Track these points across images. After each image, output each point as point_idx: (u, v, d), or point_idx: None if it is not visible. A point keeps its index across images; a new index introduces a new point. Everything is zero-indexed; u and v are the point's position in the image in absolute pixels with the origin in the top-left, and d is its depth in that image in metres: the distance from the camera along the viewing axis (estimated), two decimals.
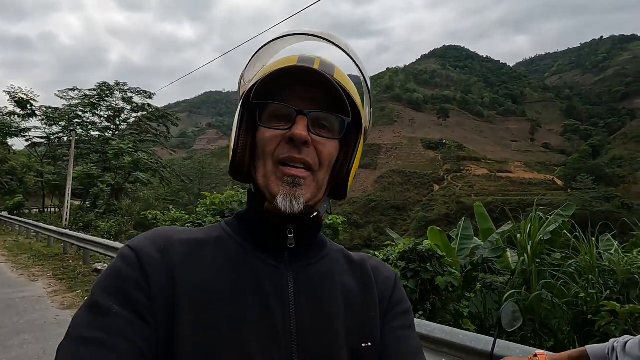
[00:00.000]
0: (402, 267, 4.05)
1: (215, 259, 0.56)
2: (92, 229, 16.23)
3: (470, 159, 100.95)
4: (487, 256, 5.11)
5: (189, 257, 0.55)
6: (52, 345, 3.91)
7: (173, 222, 6.82)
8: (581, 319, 3.73)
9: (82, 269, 8.04)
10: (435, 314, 4.00)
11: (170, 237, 0.56)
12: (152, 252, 0.54)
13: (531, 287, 4.34)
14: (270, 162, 0.56)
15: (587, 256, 4.13)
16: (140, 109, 27.36)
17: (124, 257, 0.53)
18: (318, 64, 0.58)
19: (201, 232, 0.60)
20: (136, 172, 22.92)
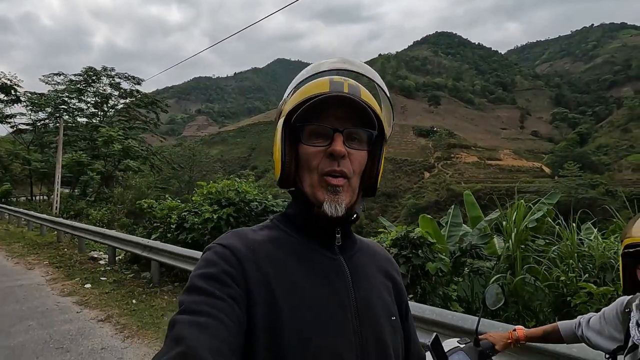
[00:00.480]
0: (395, 254, 4.24)
1: (290, 255, 0.67)
2: (84, 217, 16.12)
3: (461, 146, 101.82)
4: (475, 243, 5.33)
5: (272, 255, 0.65)
6: (57, 331, 4.04)
7: (169, 211, 6.88)
8: (561, 301, 3.99)
9: (78, 257, 8.09)
10: (425, 298, 4.22)
11: (254, 239, 0.67)
12: (244, 249, 0.64)
13: (515, 272, 4.59)
14: (315, 174, 0.66)
15: (568, 242, 4.38)
16: (129, 95, 26.82)
17: (221, 253, 0.63)
18: (347, 87, 0.68)
19: (267, 232, 0.70)
20: (126, 159, 22.66)
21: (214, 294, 0.57)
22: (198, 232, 5.97)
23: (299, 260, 0.67)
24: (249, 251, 0.64)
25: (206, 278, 0.59)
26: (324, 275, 0.67)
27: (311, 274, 0.66)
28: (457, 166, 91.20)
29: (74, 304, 5.00)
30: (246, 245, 0.65)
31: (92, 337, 3.90)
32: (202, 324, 0.54)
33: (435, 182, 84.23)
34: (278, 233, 0.70)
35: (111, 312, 4.67)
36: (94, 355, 3.50)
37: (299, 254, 0.68)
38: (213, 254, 0.64)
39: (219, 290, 0.58)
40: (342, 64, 0.73)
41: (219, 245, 0.65)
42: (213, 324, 0.54)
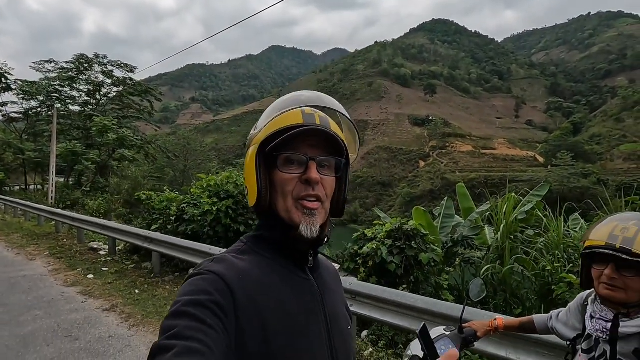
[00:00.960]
0: (389, 245, 4.41)
1: (275, 280, 0.70)
2: (80, 207, 16.14)
3: (456, 135, 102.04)
4: (467, 234, 5.52)
5: (260, 282, 0.67)
6: (64, 320, 4.19)
7: (168, 203, 6.99)
8: (546, 289, 4.20)
9: (78, 247, 8.20)
10: (418, 287, 4.41)
11: (240, 266, 0.68)
12: (234, 278, 0.64)
13: (504, 262, 4.79)
14: (290, 198, 0.71)
15: (555, 234, 4.58)
16: (122, 83, 26.48)
17: (211, 281, 0.63)
18: (318, 119, 0.73)
19: (249, 258, 0.72)
20: (121, 149, 22.54)
21: (205, 322, 0.57)
22: (198, 224, 6.09)
23: (283, 284, 0.71)
24: (238, 280, 0.64)
25: (196, 305, 0.58)
26: (303, 297, 0.72)
27: (295, 297, 0.70)
28: (452, 155, 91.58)
29: (79, 294, 5.14)
30: (234, 273, 0.65)
31: (98, 326, 4.06)
32: (196, 350, 0.53)
33: (430, 171, 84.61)
34: (258, 258, 0.72)
35: (115, 301, 4.83)
36: (102, 343, 3.67)
37: (282, 278, 0.71)
38: (202, 281, 0.63)
39: (210, 319, 0.57)
40: (316, 99, 0.79)
41: (209, 273, 0.64)
42: (207, 352, 0.53)
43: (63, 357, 3.37)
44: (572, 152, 73.30)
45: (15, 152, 24.79)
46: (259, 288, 0.66)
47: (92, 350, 3.51)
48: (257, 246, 0.75)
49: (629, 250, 1.01)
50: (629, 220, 1.09)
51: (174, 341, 0.53)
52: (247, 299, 0.63)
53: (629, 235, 1.03)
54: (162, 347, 0.53)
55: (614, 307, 1.10)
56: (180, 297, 0.61)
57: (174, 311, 0.58)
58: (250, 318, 0.62)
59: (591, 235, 1.13)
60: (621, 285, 1.05)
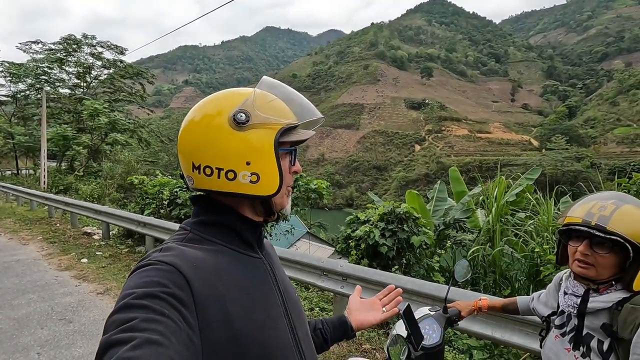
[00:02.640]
0: (382, 228, 4.45)
1: (229, 264, 0.69)
2: (73, 191, 16.03)
3: (452, 119, 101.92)
4: (459, 217, 5.58)
5: (215, 268, 0.66)
6: (58, 304, 4.21)
7: (161, 187, 6.95)
8: (534, 270, 4.29)
9: (71, 232, 8.18)
10: (409, 269, 4.48)
11: (192, 255, 0.65)
12: (189, 268, 0.61)
13: (494, 244, 4.87)
14: (285, 186, 0.76)
15: (545, 216, 4.64)
16: (112, 66, 25.87)
17: (166, 272, 0.59)
18: None
19: (199, 245, 0.69)
20: (113, 133, 22.23)
21: (163, 313, 0.53)
22: (190, 208, 6.07)
23: (237, 266, 0.70)
24: (192, 268, 0.62)
25: (151, 297, 0.54)
26: (258, 275, 0.74)
27: (250, 276, 0.72)
28: (447, 139, 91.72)
29: (72, 277, 5.15)
30: (188, 262, 0.62)
31: (93, 309, 4.09)
32: (155, 341, 0.49)
33: (425, 155, 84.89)
34: (208, 244, 0.70)
35: (109, 285, 4.85)
36: (97, 325, 3.70)
37: (235, 260, 0.71)
38: (155, 271, 0.59)
39: (168, 311, 0.54)
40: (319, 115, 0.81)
41: (161, 263, 0.60)
42: (167, 343, 0.50)
43: (57, 340, 3.40)
44: (566, 135, 73.76)
45: (5, 137, 24.37)
46: (214, 273, 0.65)
47: (87, 333, 3.54)
48: (202, 232, 0.72)
49: (604, 228, 1.02)
50: (608, 199, 1.09)
51: (130, 333, 0.49)
52: (205, 288, 0.61)
53: (605, 214, 1.04)
54: (115, 342, 0.48)
55: (585, 283, 1.12)
56: (131, 289, 0.55)
57: (125, 303, 0.53)
58: (211, 306, 0.61)
59: (569, 212, 1.14)
60: (593, 262, 1.07)
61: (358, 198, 70.53)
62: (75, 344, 3.34)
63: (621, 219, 1.02)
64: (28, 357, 3.10)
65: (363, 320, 1.02)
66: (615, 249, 1.03)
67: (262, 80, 0.79)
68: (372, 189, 75.72)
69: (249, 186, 0.69)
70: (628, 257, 1.03)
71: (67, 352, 3.18)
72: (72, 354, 3.16)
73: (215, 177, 0.69)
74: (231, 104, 0.70)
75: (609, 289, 1.09)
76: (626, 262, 1.04)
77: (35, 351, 3.18)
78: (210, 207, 0.74)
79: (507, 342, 2.31)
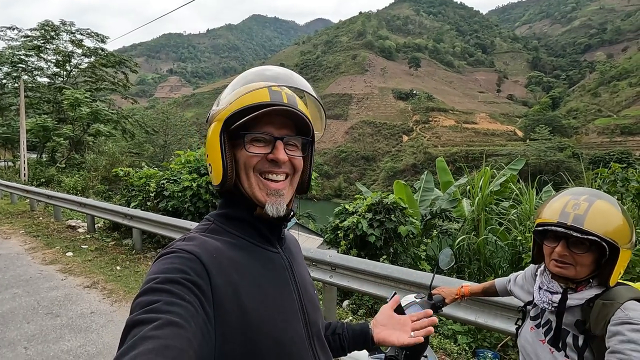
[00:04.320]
0: (369, 218, 4.51)
1: (247, 257, 0.71)
2: (55, 184, 15.63)
3: (439, 110, 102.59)
4: (445, 207, 5.68)
5: (233, 260, 0.68)
6: (44, 298, 4.16)
7: (147, 179, 6.85)
8: (517, 258, 4.43)
9: (55, 225, 8.02)
10: (397, 258, 4.57)
11: (213, 245, 0.68)
12: (208, 257, 0.64)
13: (479, 232, 5.00)
14: (252, 174, 0.72)
15: (527, 205, 4.78)
16: (93, 54, 25.04)
17: (187, 259, 0.62)
18: (285, 97, 0.72)
19: (219, 237, 0.72)
20: (96, 123, 21.63)
21: (184, 298, 0.56)
22: (178, 200, 6.03)
23: (255, 260, 0.72)
24: (212, 258, 0.64)
25: (173, 282, 0.58)
26: (274, 270, 0.74)
27: (267, 271, 0.72)
28: (434, 130, 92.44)
29: (58, 271, 5.08)
30: (208, 252, 0.65)
31: (80, 303, 4.05)
32: (176, 323, 0.52)
33: (413, 146, 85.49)
34: (228, 236, 0.72)
35: (96, 278, 4.80)
36: (84, 319, 3.68)
37: (252, 254, 0.72)
38: (178, 259, 0.62)
39: (188, 296, 0.57)
40: (284, 77, 0.75)
41: (183, 252, 0.63)
42: (186, 326, 0.53)
43: (45, 334, 3.37)
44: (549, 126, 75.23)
45: None
46: (232, 265, 0.67)
47: (74, 326, 3.52)
48: (224, 224, 0.74)
49: (580, 228, 1.02)
50: (580, 194, 1.09)
51: (153, 314, 0.52)
52: (222, 277, 0.64)
53: (579, 212, 1.03)
54: (140, 321, 0.52)
55: (563, 282, 1.12)
56: (155, 274, 0.59)
57: (149, 287, 0.57)
58: (227, 297, 0.63)
59: (543, 212, 1.14)
60: (571, 262, 1.07)
61: (346, 189, 70.82)
62: (63, 337, 3.32)
63: (596, 218, 1.02)
64: (15, 351, 3.06)
65: (386, 337, 0.90)
66: (592, 247, 1.04)
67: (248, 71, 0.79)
68: (360, 179, 76.14)
69: (211, 177, 0.75)
70: (604, 254, 1.03)
71: (56, 346, 3.16)
72: (61, 348, 3.14)
73: (210, 172, 0.75)
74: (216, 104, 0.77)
75: (586, 286, 1.09)
76: (602, 259, 1.05)
77: (22, 346, 3.15)
78: (232, 201, 0.76)
79: (490, 327, 2.41)
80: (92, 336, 3.36)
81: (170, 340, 0.49)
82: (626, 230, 1.04)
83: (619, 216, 1.05)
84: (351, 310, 3.96)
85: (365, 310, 3.95)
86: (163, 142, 35.20)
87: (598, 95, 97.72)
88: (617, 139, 74.68)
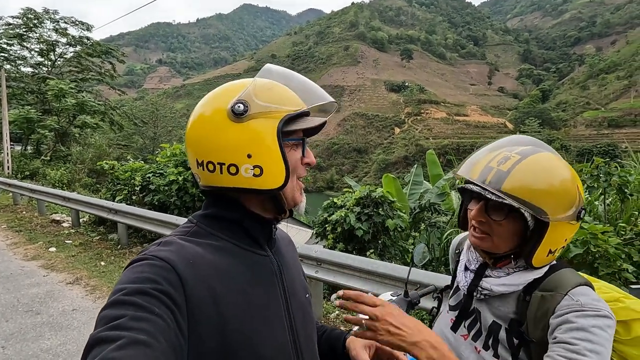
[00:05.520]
0: (357, 212, 4.49)
1: (230, 263, 0.66)
2: (40, 177, 15.30)
3: (431, 102, 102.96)
4: (434, 201, 5.69)
5: (214, 267, 0.63)
6: (24, 295, 4.06)
7: (133, 172, 6.71)
8: None
9: (38, 220, 7.84)
10: (384, 251, 4.56)
11: (191, 251, 0.63)
12: (184, 265, 0.59)
13: None
14: (295, 178, 0.71)
15: None
16: (78, 43, 24.37)
17: (160, 268, 0.57)
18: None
19: (201, 240, 0.67)
20: (82, 115, 21.16)
21: (153, 311, 0.52)
22: (164, 194, 5.93)
23: (240, 265, 0.67)
24: (189, 266, 0.60)
25: (142, 294, 0.53)
26: (261, 275, 0.70)
27: (253, 277, 0.68)
28: (426, 122, 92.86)
29: (40, 267, 4.97)
30: (185, 259, 0.60)
31: (61, 300, 3.97)
32: (142, 342, 0.48)
33: (405, 138, 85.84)
34: (212, 239, 0.68)
35: (80, 274, 4.71)
36: (66, 316, 3.60)
37: (238, 258, 0.68)
38: (149, 267, 0.57)
39: (159, 309, 0.53)
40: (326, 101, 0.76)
41: (156, 259, 0.59)
42: (154, 344, 0.49)
43: (24, 332, 3.29)
44: (539, 119, 76.17)
45: None
46: (213, 271, 0.62)
47: (55, 324, 3.44)
48: (209, 227, 0.69)
49: (494, 190, 0.79)
50: (519, 145, 0.88)
51: (117, 332, 0.48)
52: (199, 287, 0.59)
53: (503, 168, 0.81)
54: (102, 339, 0.48)
55: (482, 256, 0.92)
56: (123, 284, 0.55)
57: (115, 300, 0.53)
58: (204, 307, 0.58)
59: (466, 167, 0.89)
60: (488, 231, 0.85)
61: (338, 181, 70.91)
62: (43, 336, 3.24)
63: (521, 177, 0.79)
64: None
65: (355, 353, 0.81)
66: (514, 215, 0.81)
67: (264, 67, 0.76)
68: (352, 171, 76.33)
69: (253, 180, 0.66)
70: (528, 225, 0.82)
71: (35, 345, 3.09)
72: (40, 347, 3.07)
73: (218, 173, 0.66)
74: (229, 96, 0.67)
75: (508, 265, 0.88)
76: (527, 231, 0.83)
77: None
78: (219, 201, 0.71)
79: None
80: (73, 334, 3.29)
81: None
82: (564, 197, 0.80)
83: (557, 177, 0.80)
84: None
85: None
86: (153, 133, 34.68)
87: (587, 88, 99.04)
88: (604, 131, 75.97)
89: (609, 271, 2.51)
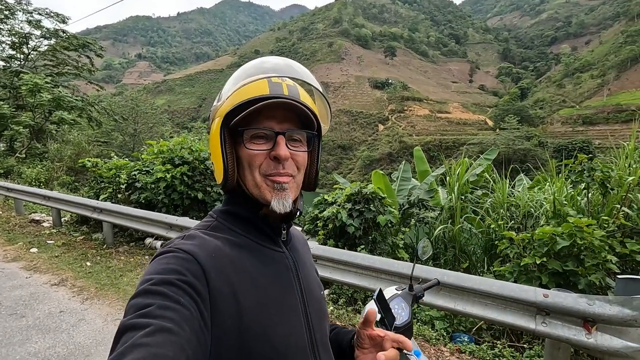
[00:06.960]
0: (349, 208, 4.52)
1: (248, 256, 0.68)
2: (15, 175, 14.70)
3: (414, 99, 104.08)
4: (422, 197, 5.79)
5: (233, 260, 0.65)
6: (7, 297, 3.91)
7: (117, 170, 6.54)
8: (490, 244, 4.60)
9: (16, 220, 7.54)
10: (375, 247, 4.62)
11: (212, 243, 0.65)
12: (206, 257, 0.61)
13: (455, 221, 5.14)
14: (258, 174, 0.68)
15: (500, 194, 4.95)
16: (53, 36, 23.43)
17: (184, 260, 0.59)
18: (286, 89, 0.67)
19: (221, 234, 0.69)
20: (58, 111, 20.39)
21: (179, 301, 0.54)
22: (151, 192, 5.80)
23: (257, 260, 0.69)
24: (211, 259, 0.62)
25: (168, 284, 0.56)
26: (277, 271, 0.71)
27: (269, 272, 0.69)
28: (409, 119, 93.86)
29: (22, 269, 4.79)
30: (207, 252, 0.63)
31: (47, 302, 3.85)
32: (168, 329, 0.50)
33: (388, 135, 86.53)
34: (230, 234, 0.70)
35: (64, 275, 4.57)
36: (53, 318, 3.49)
37: (255, 254, 0.69)
38: (174, 259, 0.60)
39: (184, 299, 0.55)
40: (284, 68, 0.72)
41: (181, 251, 0.61)
42: (179, 332, 0.51)
43: (9, 336, 3.17)
44: (518, 116, 78.08)
45: None
46: (232, 266, 0.64)
47: (42, 327, 3.34)
48: (227, 222, 0.72)
49: None
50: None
51: (145, 319, 0.51)
52: (220, 278, 0.61)
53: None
54: (131, 326, 0.50)
55: None
56: (150, 275, 0.57)
57: (144, 289, 0.55)
58: (224, 298, 0.60)
59: None
60: None
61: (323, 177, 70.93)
62: (30, 339, 3.14)
63: None
64: None
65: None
66: None
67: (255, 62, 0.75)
68: (336, 168, 76.54)
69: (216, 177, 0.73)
70: None
71: (22, 349, 2.99)
72: (27, 350, 2.97)
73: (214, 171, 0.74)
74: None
75: None
76: None
77: None
78: (235, 197, 0.73)
79: (467, 313, 2.47)
80: (62, 336, 3.20)
81: (160, 348, 0.48)
82: None
83: None
84: (331, 300, 3.98)
85: (345, 299, 3.99)
86: (133, 130, 33.83)
87: (563, 86, 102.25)
88: (579, 128, 78.72)
89: (595, 262, 2.62)
